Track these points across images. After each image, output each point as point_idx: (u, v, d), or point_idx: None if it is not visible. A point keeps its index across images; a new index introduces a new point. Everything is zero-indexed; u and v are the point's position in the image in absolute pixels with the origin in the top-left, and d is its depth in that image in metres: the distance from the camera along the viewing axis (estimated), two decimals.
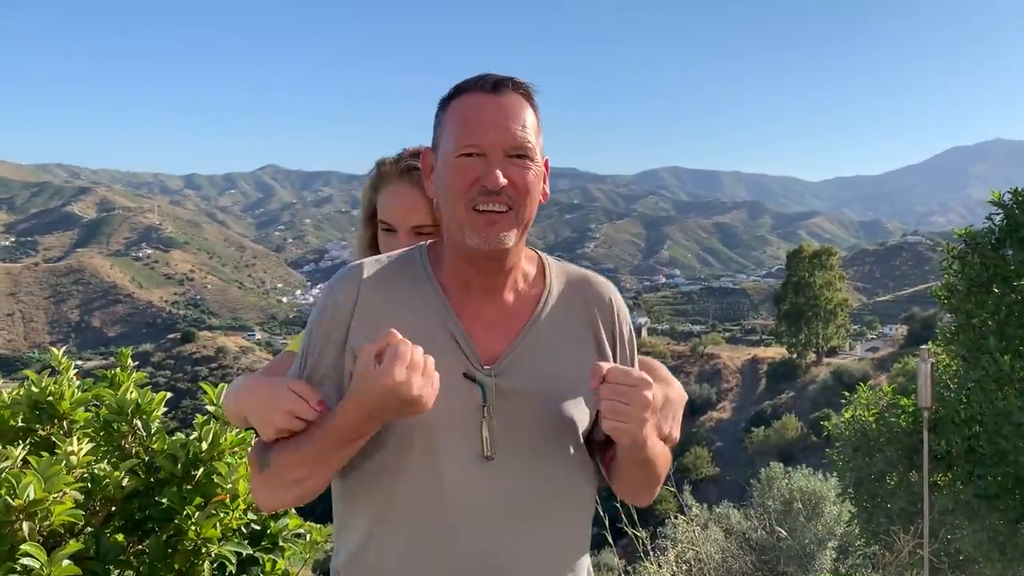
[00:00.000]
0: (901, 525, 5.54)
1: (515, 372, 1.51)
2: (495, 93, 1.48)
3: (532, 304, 1.58)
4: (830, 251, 62.72)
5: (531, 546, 1.52)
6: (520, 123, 1.47)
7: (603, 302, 1.65)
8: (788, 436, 42.18)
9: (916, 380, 5.03)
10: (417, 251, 1.63)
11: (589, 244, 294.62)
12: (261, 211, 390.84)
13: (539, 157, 1.51)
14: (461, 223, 1.48)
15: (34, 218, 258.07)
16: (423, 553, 1.49)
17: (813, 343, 59.39)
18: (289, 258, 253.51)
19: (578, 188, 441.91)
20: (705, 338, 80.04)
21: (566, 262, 1.70)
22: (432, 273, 1.57)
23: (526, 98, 1.51)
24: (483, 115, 1.46)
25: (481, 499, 1.47)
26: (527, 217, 1.50)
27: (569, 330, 1.59)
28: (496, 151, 1.45)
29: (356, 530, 1.55)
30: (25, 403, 2.44)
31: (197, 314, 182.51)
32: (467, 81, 1.51)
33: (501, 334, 1.54)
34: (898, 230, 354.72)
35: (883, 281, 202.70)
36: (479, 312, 1.55)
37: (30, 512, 1.91)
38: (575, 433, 1.54)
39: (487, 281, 1.55)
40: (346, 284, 1.55)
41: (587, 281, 1.66)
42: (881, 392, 6.46)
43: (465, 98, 1.49)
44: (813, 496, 8.32)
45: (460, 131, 1.47)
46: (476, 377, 1.49)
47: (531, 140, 1.48)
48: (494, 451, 1.48)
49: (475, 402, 1.48)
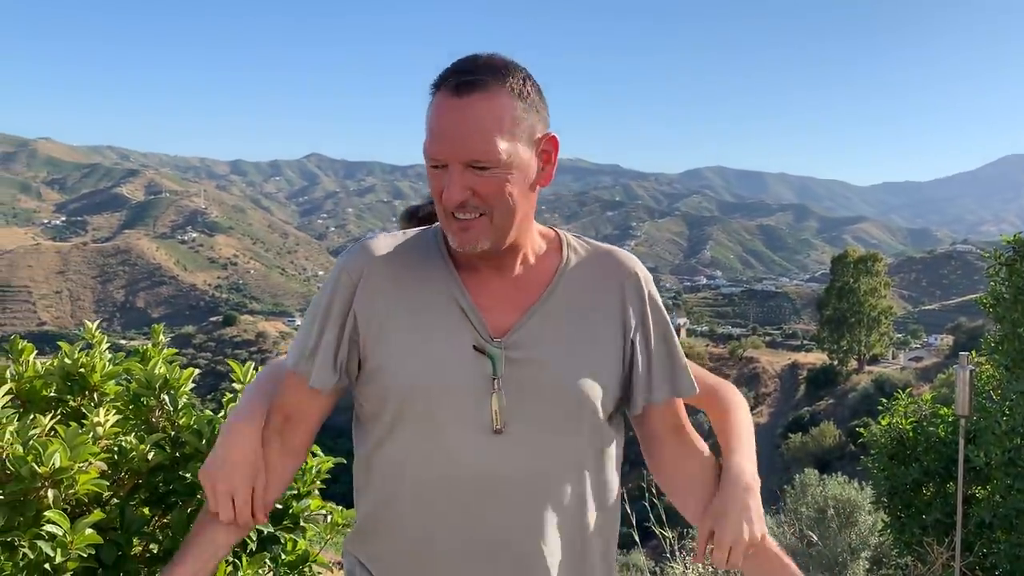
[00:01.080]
0: (935, 537, 5.43)
1: (526, 344, 1.49)
2: (458, 95, 1.38)
3: (546, 277, 1.55)
4: (876, 257, 61.69)
5: (546, 522, 1.50)
6: (481, 128, 1.38)
7: (623, 277, 1.60)
8: (825, 443, 41.62)
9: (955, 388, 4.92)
10: (432, 229, 1.61)
11: (630, 242, 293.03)
12: (305, 199, 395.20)
13: (514, 159, 1.41)
14: (444, 225, 1.48)
15: (84, 198, 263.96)
16: (435, 528, 1.48)
17: (855, 350, 58.49)
18: (331, 246, 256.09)
19: (620, 185, 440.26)
20: (745, 341, 79.30)
21: (594, 241, 1.66)
22: (444, 248, 1.55)
23: (496, 87, 1.40)
24: (443, 124, 1.39)
25: (492, 473, 1.45)
26: (504, 219, 1.44)
27: (587, 303, 1.55)
28: (455, 165, 1.40)
29: (369, 502, 1.56)
30: (58, 374, 2.48)
31: (239, 298, 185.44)
32: (443, 73, 1.43)
33: (512, 307, 1.52)
34: (947, 238, 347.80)
35: (930, 290, 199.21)
36: (488, 285, 1.52)
37: (56, 480, 1.94)
38: (592, 408, 1.51)
39: (494, 259, 1.52)
40: (355, 258, 1.54)
41: (611, 256, 1.62)
42: (921, 400, 6.34)
43: (436, 98, 1.42)
44: (848, 504, 8.21)
45: (427, 140, 1.42)
46: (486, 349, 1.47)
47: (494, 147, 1.38)
48: (504, 424, 1.46)
49: (485, 375, 1.46)
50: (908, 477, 5.81)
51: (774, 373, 65.10)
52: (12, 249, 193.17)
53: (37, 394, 2.44)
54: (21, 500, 1.94)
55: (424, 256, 1.55)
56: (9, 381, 2.37)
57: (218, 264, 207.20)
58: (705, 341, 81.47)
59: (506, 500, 1.46)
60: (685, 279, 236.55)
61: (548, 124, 1.49)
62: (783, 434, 47.94)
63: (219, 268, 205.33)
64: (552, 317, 1.52)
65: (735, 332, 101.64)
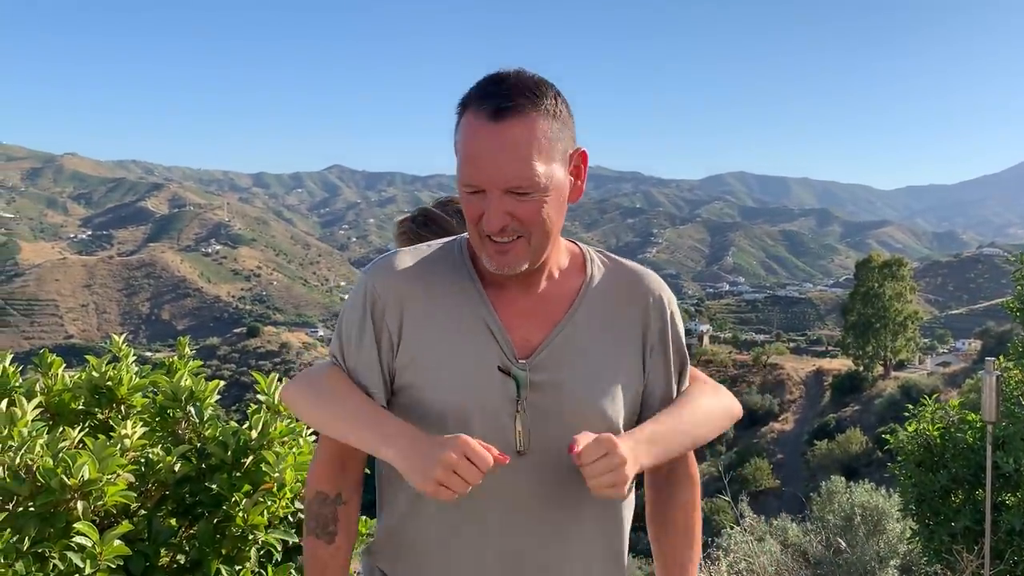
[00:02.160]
0: (965, 544, 5.35)
1: (550, 366, 1.49)
2: (494, 121, 1.37)
3: (571, 294, 1.55)
4: (901, 261, 60.93)
5: (566, 542, 1.51)
6: (520, 156, 1.37)
7: (652, 298, 1.60)
8: (852, 450, 41.13)
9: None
10: (456, 242, 1.61)
11: (651, 249, 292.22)
12: (326, 210, 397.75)
13: (551, 181, 1.41)
14: (477, 246, 1.47)
15: (110, 212, 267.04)
16: (457, 547, 1.49)
17: (881, 355, 57.76)
18: (353, 257, 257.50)
19: (641, 192, 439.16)
20: (769, 347, 78.55)
21: (617, 256, 1.66)
22: (470, 263, 1.56)
23: (532, 110, 1.39)
24: (480, 150, 1.38)
25: (514, 494, 1.46)
26: (542, 239, 1.45)
27: (610, 323, 1.56)
28: (494, 190, 1.39)
29: (394, 516, 1.58)
30: (86, 387, 2.52)
31: (262, 309, 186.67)
32: (472, 92, 1.42)
33: (537, 325, 1.52)
34: (973, 241, 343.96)
35: (956, 294, 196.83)
36: (515, 303, 1.53)
37: (85, 492, 1.97)
38: (612, 429, 1.51)
39: (521, 277, 1.52)
40: (380, 274, 1.55)
41: (636, 275, 1.62)
42: (948, 406, 6.25)
43: (468, 119, 1.40)
44: (875, 512, 8.10)
45: (462, 165, 1.41)
46: (511, 371, 1.47)
47: (534, 172, 1.38)
48: (527, 446, 1.47)
49: (509, 396, 1.47)
50: (936, 484, 5.73)
51: (799, 380, 64.45)
52: (40, 263, 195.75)
53: (66, 407, 2.48)
54: (51, 512, 1.97)
55: (451, 273, 1.55)
56: (39, 395, 2.41)
57: (241, 276, 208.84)
58: (728, 348, 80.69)
59: (529, 520, 1.47)
60: (708, 285, 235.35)
61: (575, 138, 1.48)
62: (809, 441, 47.43)
63: (242, 280, 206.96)
64: (576, 337, 1.52)
65: (759, 338, 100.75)
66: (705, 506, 20.98)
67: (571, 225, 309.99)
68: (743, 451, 48.29)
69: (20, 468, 1.98)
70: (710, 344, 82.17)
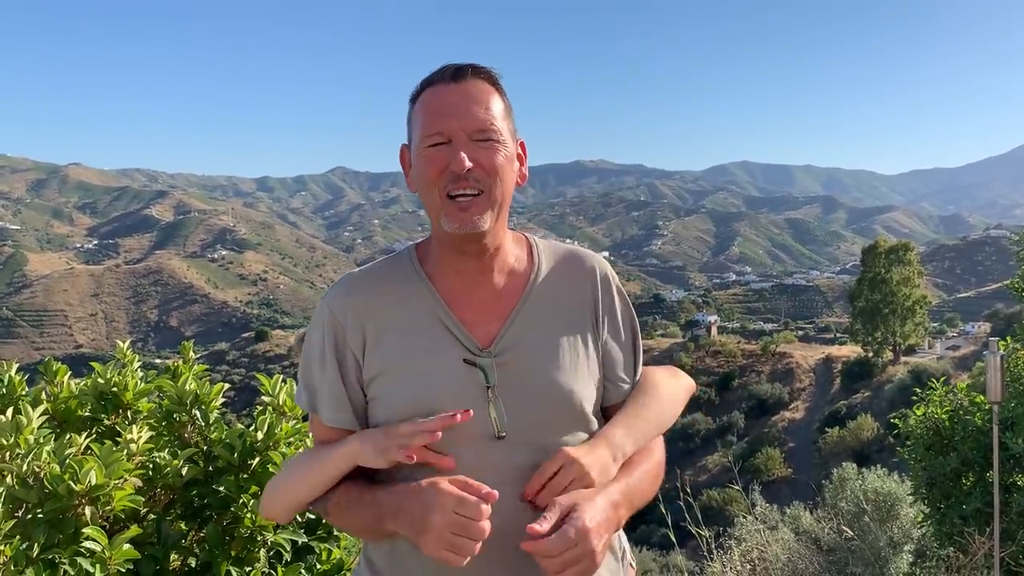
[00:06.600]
0: (976, 526, 5.34)
1: (513, 351, 1.55)
2: (455, 81, 1.50)
3: (521, 283, 1.62)
4: (907, 246, 60.71)
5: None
6: (483, 106, 1.50)
7: (592, 275, 1.67)
8: (863, 437, 41.03)
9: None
10: (406, 250, 1.68)
11: (656, 241, 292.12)
12: (331, 212, 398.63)
13: (507, 138, 1.53)
14: (437, 210, 1.52)
15: (115, 221, 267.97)
16: None
17: (890, 341, 57.53)
18: (358, 258, 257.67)
19: (645, 185, 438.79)
20: (777, 336, 78.31)
21: (556, 242, 1.74)
22: (420, 267, 1.62)
23: (489, 82, 1.53)
24: (445, 103, 1.49)
25: (498, 478, 1.48)
26: (500, 198, 1.52)
27: (561, 305, 1.62)
28: (460, 136, 1.48)
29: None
30: (91, 394, 2.53)
31: (270, 313, 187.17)
32: (430, 75, 1.54)
33: (495, 316, 1.58)
34: (980, 224, 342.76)
35: (964, 277, 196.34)
36: (470, 298, 1.58)
37: (92, 497, 1.98)
38: (580, 405, 1.57)
39: (474, 265, 1.58)
40: (337, 297, 1.61)
41: (576, 256, 1.70)
42: (956, 389, 6.22)
43: (429, 91, 1.52)
44: (888, 498, 8.08)
45: (426, 121, 1.50)
46: (476, 362, 1.52)
47: (495, 122, 1.50)
48: (504, 430, 1.51)
49: (479, 385, 1.52)
50: (946, 467, 5.71)
51: (808, 367, 64.26)
52: (47, 274, 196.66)
53: (72, 414, 2.49)
54: (60, 518, 1.99)
55: (403, 282, 1.61)
56: (45, 402, 2.43)
57: (248, 280, 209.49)
58: (736, 337, 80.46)
59: (511, 500, 1.49)
60: (714, 276, 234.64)
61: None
62: (820, 428, 47.34)
63: (249, 284, 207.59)
64: (533, 321, 1.58)
65: (767, 327, 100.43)
66: (718, 496, 20.97)
67: (576, 220, 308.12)
68: (754, 440, 48.26)
69: (28, 475, 2.00)
70: (718, 335, 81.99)
